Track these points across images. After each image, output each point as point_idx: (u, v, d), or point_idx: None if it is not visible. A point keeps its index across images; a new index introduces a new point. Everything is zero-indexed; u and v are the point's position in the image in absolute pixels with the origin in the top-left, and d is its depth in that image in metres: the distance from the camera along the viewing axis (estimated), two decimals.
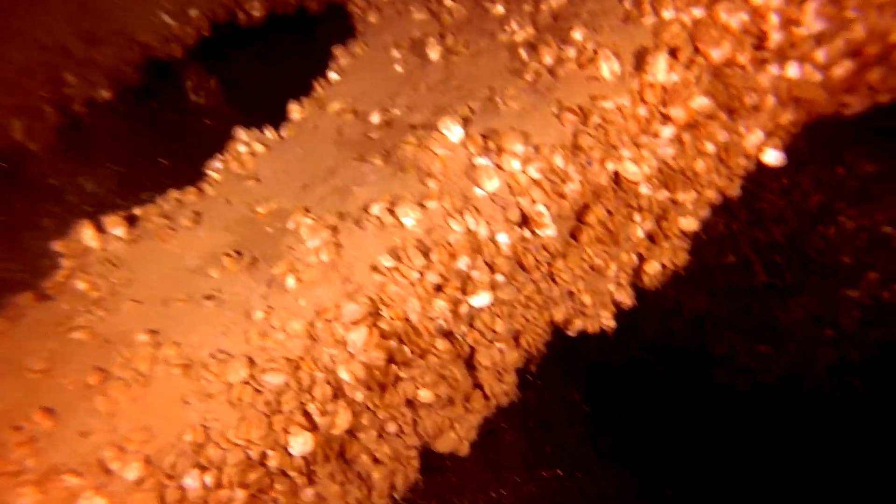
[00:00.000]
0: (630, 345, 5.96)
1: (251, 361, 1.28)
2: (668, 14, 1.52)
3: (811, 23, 1.54)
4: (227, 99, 3.50)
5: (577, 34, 1.56)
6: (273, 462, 1.30)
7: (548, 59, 1.59)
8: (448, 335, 1.56)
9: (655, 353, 6.27)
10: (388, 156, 1.60)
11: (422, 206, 1.44)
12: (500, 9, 1.87)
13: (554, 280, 1.69)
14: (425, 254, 1.39)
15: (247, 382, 1.25)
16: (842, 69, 1.77)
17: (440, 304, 1.42)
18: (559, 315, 1.75)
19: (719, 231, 4.75)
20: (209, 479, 1.14)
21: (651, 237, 1.93)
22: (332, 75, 2.06)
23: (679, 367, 6.33)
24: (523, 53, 1.66)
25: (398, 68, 1.89)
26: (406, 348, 1.39)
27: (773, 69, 1.71)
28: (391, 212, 1.43)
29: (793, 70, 1.73)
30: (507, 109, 1.55)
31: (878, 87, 1.89)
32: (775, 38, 1.54)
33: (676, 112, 1.49)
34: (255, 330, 1.36)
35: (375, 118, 1.75)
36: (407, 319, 1.38)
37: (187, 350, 1.30)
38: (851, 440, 5.98)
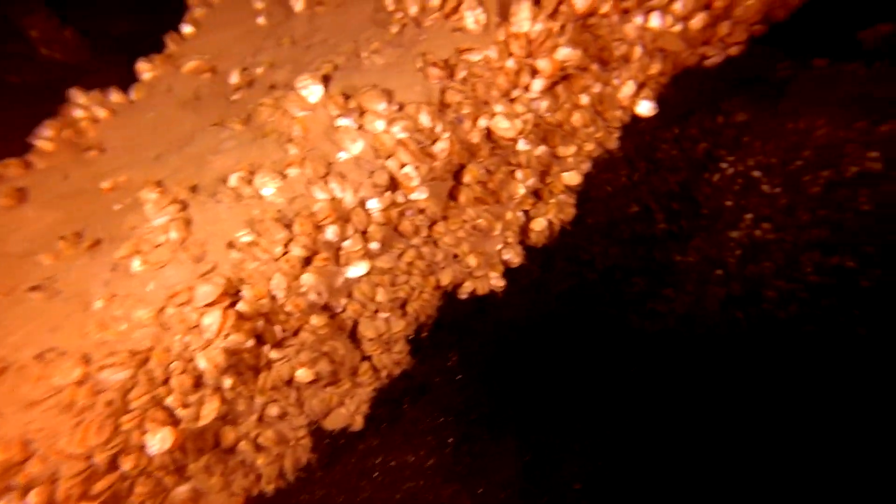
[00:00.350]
0: (545, 299, 6.22)
1: (86, 359, 1.14)
2: None
3: None
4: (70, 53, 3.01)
5: None
6: (128, 465, 1.18)
7: (413, 10, 1.48)
8: (325, 309, 1.48)
9: (572, 305, 6.60)
10: (249, 120, 1.45)
11: (282, 174, 1.32)
12: None
13: (436, 244, 1.65)
14: (288, 226, 1.28)
15: (81, 383, 1.11)
16: (698, 21, 1.81)
17: (310, 279, 1.33)
18: (446, 279, 1.72)
19: (622, 182, 4.96)
20: (35, 499, 1.01)
21: (536, 193, 1.93)
22: (187, 28, 1.83)
23: (595, 316, 6.71)
24: (389, 2, 1.54)
25: (261, 20, 1.71)
26: (276, 328, 1.30)
27: (637, 19, 1.71)
28: (249, 182, 1.30)
29: (655, 20, 1.75)
30: (371, 65, 1.44)
31: (727, 40, 1.96)
32: None
33: (543, 63, 1.45)
34: (94, 322, 1.20)
35: (235, 77, 1.57)
36: (273, 297, 1.28)
37: (2, 353, 1.13)
38: (741, 374, 6.68)
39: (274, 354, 1.35)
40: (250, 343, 1.24)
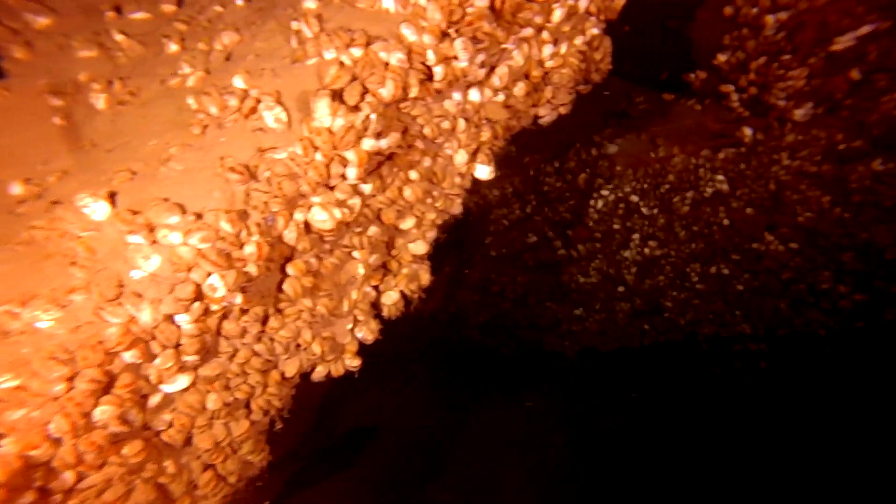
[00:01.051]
0: (458, 335, 6.28)
1: None
2: (329, 55, 1.46)
3: (463, 55, 1.59)
4: None
5: (238, 81, 1.43)
6: None
7: (213, 110, 1.44)
8: (144, 429, 1.38)
9: (493, 336, 6.71)
10: (31, 241, 1.34)
11: (63, 302, 1.22)
12: (174, 47, 1.67)
13: (272, 339, 1.59)
14: (69, 360, 1.17)
15: None
16: (520, 89, 1.90)
17: (107, 410, 1.23)
18: (291, 370, 1.65)
19: (518, 216, 5.12)
20: None
21: (385, 266, 1.92)
22: None
23: (512, 343, 6.84)
24: (191, 102, 1.49)
25: (56, 121, 1.60)
26: (65, 474, 1.18)
27: (455, 96, 1.77)
28: (17, 316, 1.18)
29: (474, 95, 1.81)
30: (170, 171, 1.38)
31: (553, 102, 2.07)
32: (439, 71, 1.57)
33: (351, 154, 1.45)
34: None
35: (17, 189, 1.45)
36: (56, 441, 1.16)
37: None
38: (656, 380, 7.02)
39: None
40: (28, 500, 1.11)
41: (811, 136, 3.58)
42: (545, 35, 1.95)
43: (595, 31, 2.11)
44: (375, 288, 1.88)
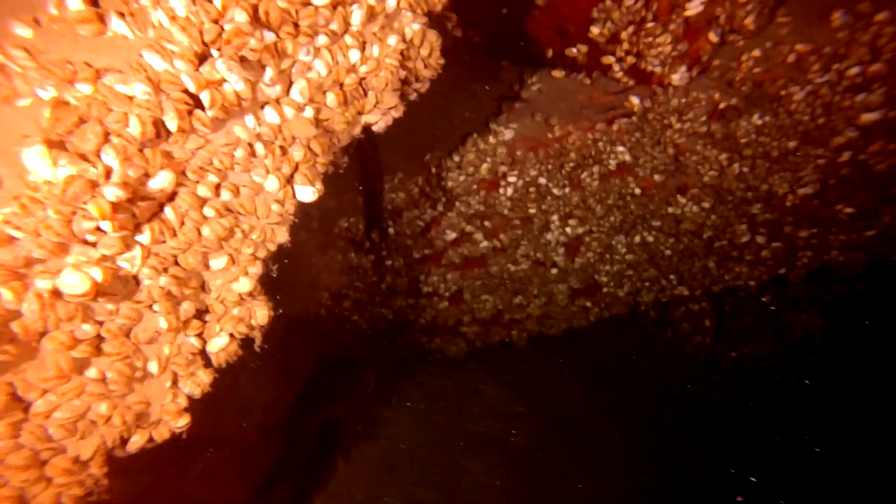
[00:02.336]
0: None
1: None
2: (45, 93, 1.26)
3: (233, 77, 1.41)
4: None
5: None
6: None
7: None
8: None
9: (440, 336, 6.58)
10: None
11: None
12: None
13: (45, 427, 1.39)
14: None
15: None
16: (333, 100, 1.74)
17: None
18: (88, 450, 1.46)
19: (432, 215, 4.95)
20: None
21: (200, 314, 1.74)
22: None
23: (459, 341, 6.73)
24: None
25: None
26: None
27: (248, 120, 1.59)
28: None
29: (271, 116, 1.63)
30: None
31: (381, 106, 1.92)
32: (207, 98, 1.38)
33: (92, 207, 1.26)
34: None
35: None
36: None
37: None
38: (605, 356, 7.01)
39: None
40: None
41: (693, 99, 3.51)
42: (348, 40, 1.78)
43: (415, 26, 1.96)
44: (200, 336, 1.70)
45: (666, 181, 4.31)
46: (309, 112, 1.76)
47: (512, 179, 4.30)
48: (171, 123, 1.36)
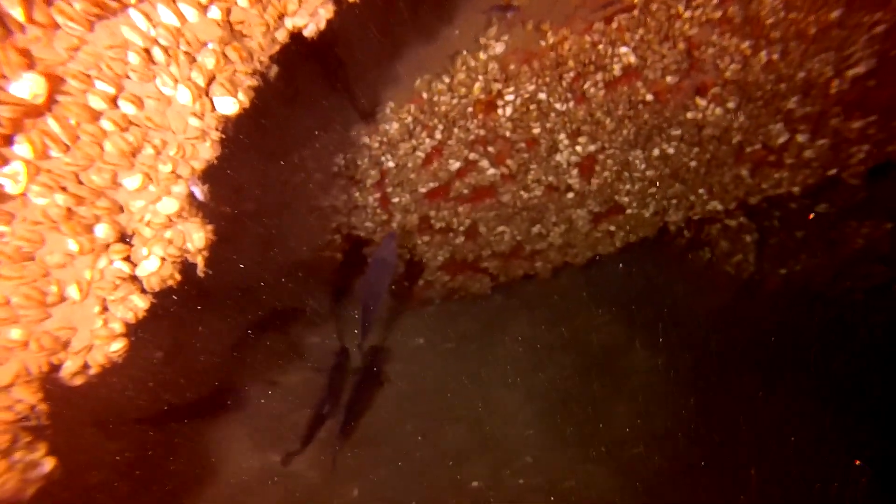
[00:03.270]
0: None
1: None
2: None
3: None
4: None
5: None
6: None
7: None
8: None
9: (461, 273, 6.49)
10: None
11: None
12: None
13: None
14: None
15: None
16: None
17: None
18: (5, 378, 1.46)
19: (431, 144, 4.72)
20: None
21: (125, 239, 1.70)
22: None
23: (483, 277, 6.59)
24: None
25: None
26: None
27: (136, 18, 1.46)
28: None
29: (167, 16, 1.50)
30: None
31: (307, 6, 1.74)
32: None
33: None
34: None
35: None
36: None
37: None
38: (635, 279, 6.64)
39: None
40: None
41: None
42: None
43: None
44: (128, 260, 1.67)
45: (681, 82, 3.86)
46: (215, 13, 1.62)
47: (509, 98, 4.00)
48: (14, 11, 1.25)
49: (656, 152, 4.45)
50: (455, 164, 4.51)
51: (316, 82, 3.84)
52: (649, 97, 3.96)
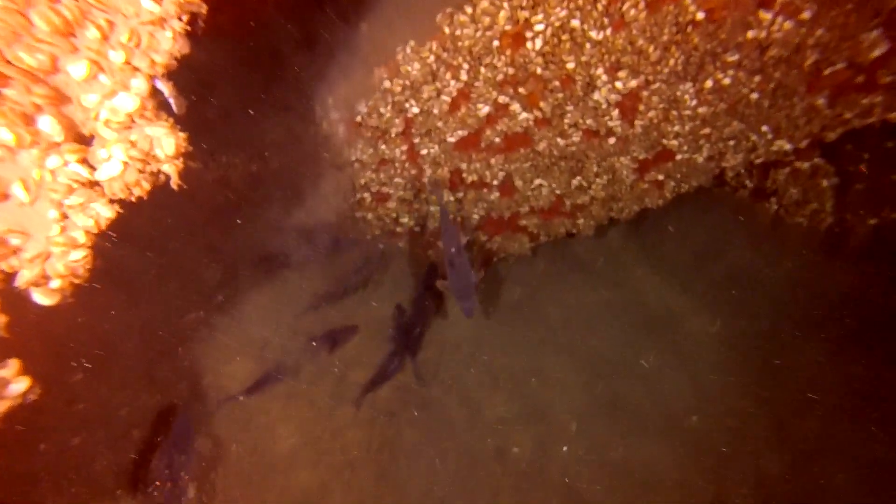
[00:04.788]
0: None
1: None
2: None
3: None
4: None
5: None
6: None
7: None
8: None
9: (499, 233, 6.14)
10: None
11: None
12: None
13: None
14: None
15: None
16: None
17: None
18: None
19: (456, 87, 4.40)
20: None
21: (84, 140, 1.54)
22: None
23: (522, 236, 6.21)
24: None
25: None
26: None
27: None
28: None
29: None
30: None
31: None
32: None
33: None
34: None
35: None
36: None
37: None
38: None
39: None
40: None
41: None
42: None
43: None
44: (85, 162, 1.52)
45: None
46: None
47: (538, 27, 3.61)
48: None
49: (709, 84, 3.92)
50: (484, 109, 4.18)
51: (330, 25, 3.63)
52: (700, 16, 3.45)
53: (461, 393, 5.24)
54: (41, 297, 1.49)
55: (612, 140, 4.47)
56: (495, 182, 4.82)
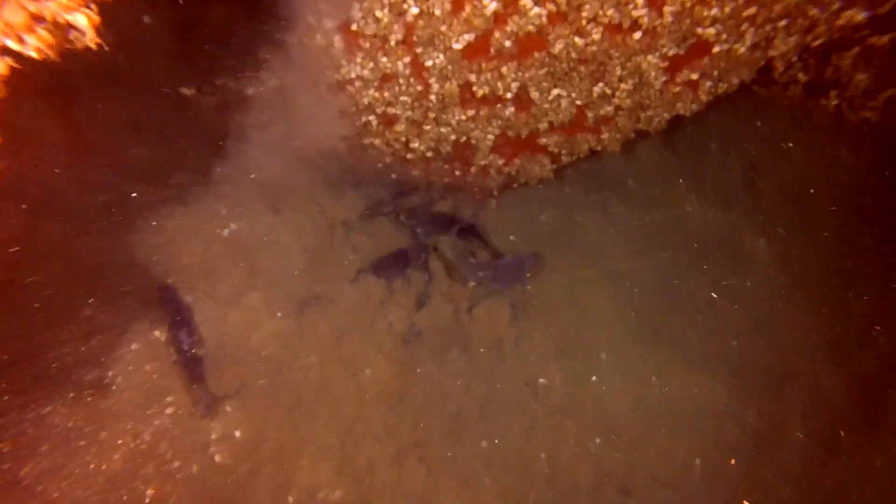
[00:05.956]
0: None
1: None
2: None
3: None
4: None
5: None
6: None
7: None
8: None
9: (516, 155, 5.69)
10: None
11: None
12: None
13: None
14: None
15: None
16: None
17: None
18: None
19: None
20: None
21: None
22: None
23: (542, 156, 5.73)
24: None
25: None
26: None
27: None
28: None
29: None
30: None
31: None
32: None
33: None
34: None
35: None
36: None
37: None
38: None
39: None
40: None
41: None
42: None
43: None
44: None
45: None
46: None
47: None
48: None
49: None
50: (491, 6, 3.76)
51: None
52: None
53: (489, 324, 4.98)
54: None
55: (637, 35, 3.96)
56: (509, 95, 4.42)
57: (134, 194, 3.91)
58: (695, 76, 4.30)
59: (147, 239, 4.13)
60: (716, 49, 4.07)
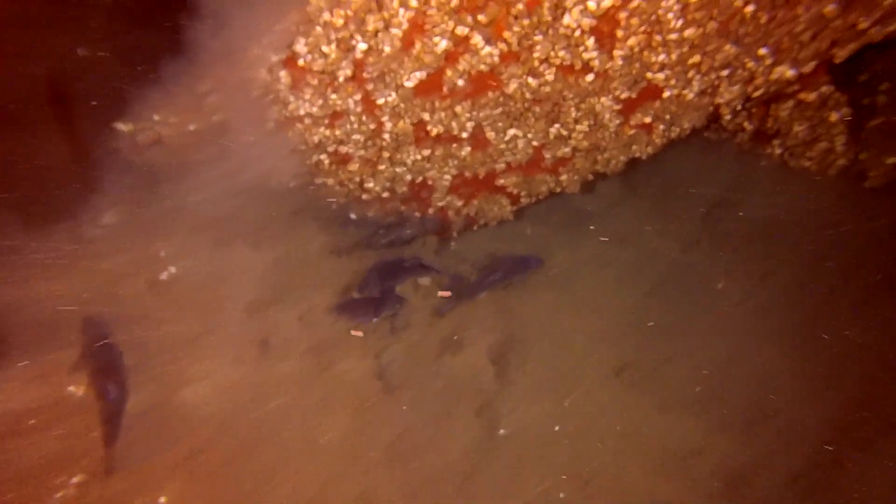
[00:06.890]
0: None
1: None
2: None
3: None
4: None
5: None
6: None
7: None
8: None
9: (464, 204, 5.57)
10: None
11: None
12: None
13: None
14: None
15: None
16: None
17: None
18: None
19: None
20: None
21: None
22: None
23: (512, 195, 5.62)
24: None
25: None
26: None
27: None
28: None
29: None
30: None
31: None
32: None
33: None
34: None
35: None
36: None
37: None
38: None
39: None
40: None
41: None
42: None
43: None
44: None
45: None
46: None
47: None
48: None
49: None
50: (442, 44, 3.68)
51: None
52: None
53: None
54: None
55: (589, 77, 3.94)
56: (464, 134, 4.31)
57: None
58: (647, 119, 4.29)
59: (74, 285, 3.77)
60: (666, 94, 4.08)
